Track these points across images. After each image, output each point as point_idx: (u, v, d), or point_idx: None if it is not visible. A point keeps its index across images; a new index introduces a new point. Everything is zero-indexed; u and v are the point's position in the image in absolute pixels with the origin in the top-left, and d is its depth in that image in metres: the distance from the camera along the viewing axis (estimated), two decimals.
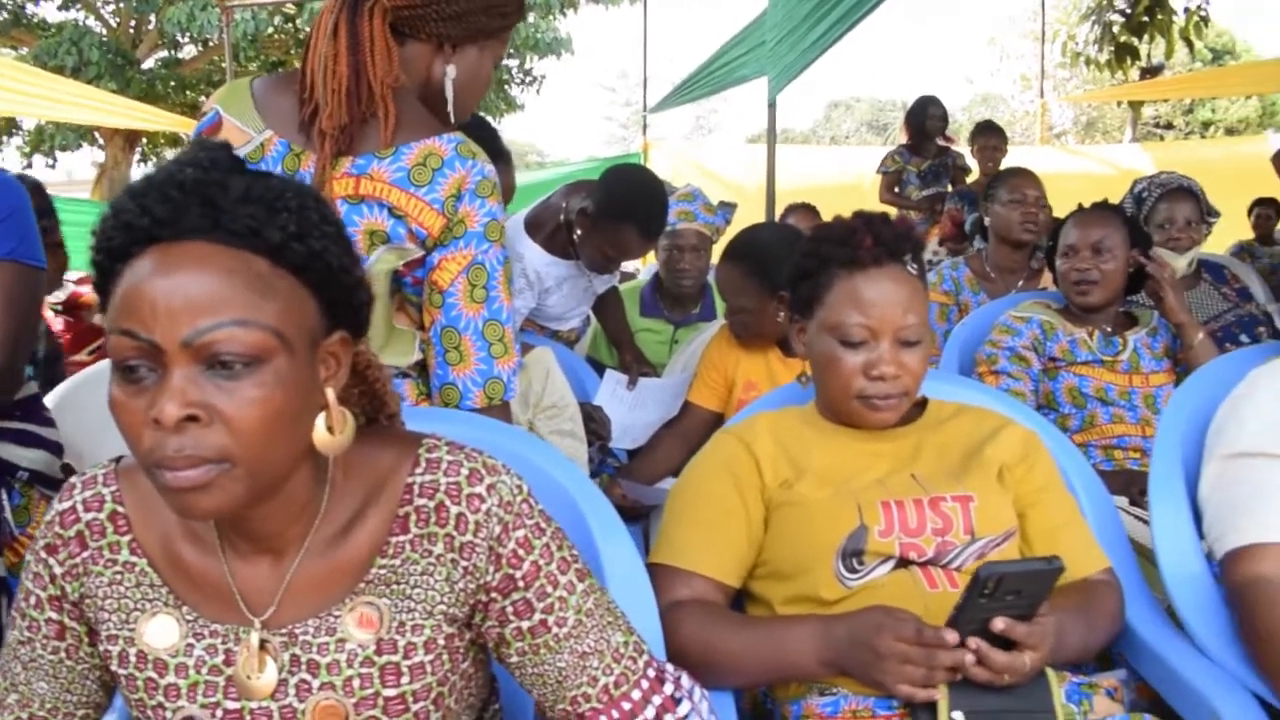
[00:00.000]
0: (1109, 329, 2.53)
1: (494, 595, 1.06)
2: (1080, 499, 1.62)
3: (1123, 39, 9.59)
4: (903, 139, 6.47)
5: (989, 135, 5.97)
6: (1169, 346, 2.52)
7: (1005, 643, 1.19)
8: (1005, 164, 6.86)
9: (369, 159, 1.44)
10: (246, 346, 0.88)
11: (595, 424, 2.58)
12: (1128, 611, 1.50)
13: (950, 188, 6.09)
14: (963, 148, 6.40)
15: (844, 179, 8.39)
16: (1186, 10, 9.68)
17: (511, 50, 14.29)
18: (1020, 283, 3.27)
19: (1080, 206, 2.64)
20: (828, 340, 1.50)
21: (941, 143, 6.34)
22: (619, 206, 2.63)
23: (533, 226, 2.79)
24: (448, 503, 1.04)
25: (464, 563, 1.05)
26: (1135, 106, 11.07)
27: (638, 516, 2.40)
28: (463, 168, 1.46)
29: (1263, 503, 1.41)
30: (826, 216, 7.89)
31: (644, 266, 6.06)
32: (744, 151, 11.79)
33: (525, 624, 1.07)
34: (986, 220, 3.34)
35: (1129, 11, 9.61)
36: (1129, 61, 9.63)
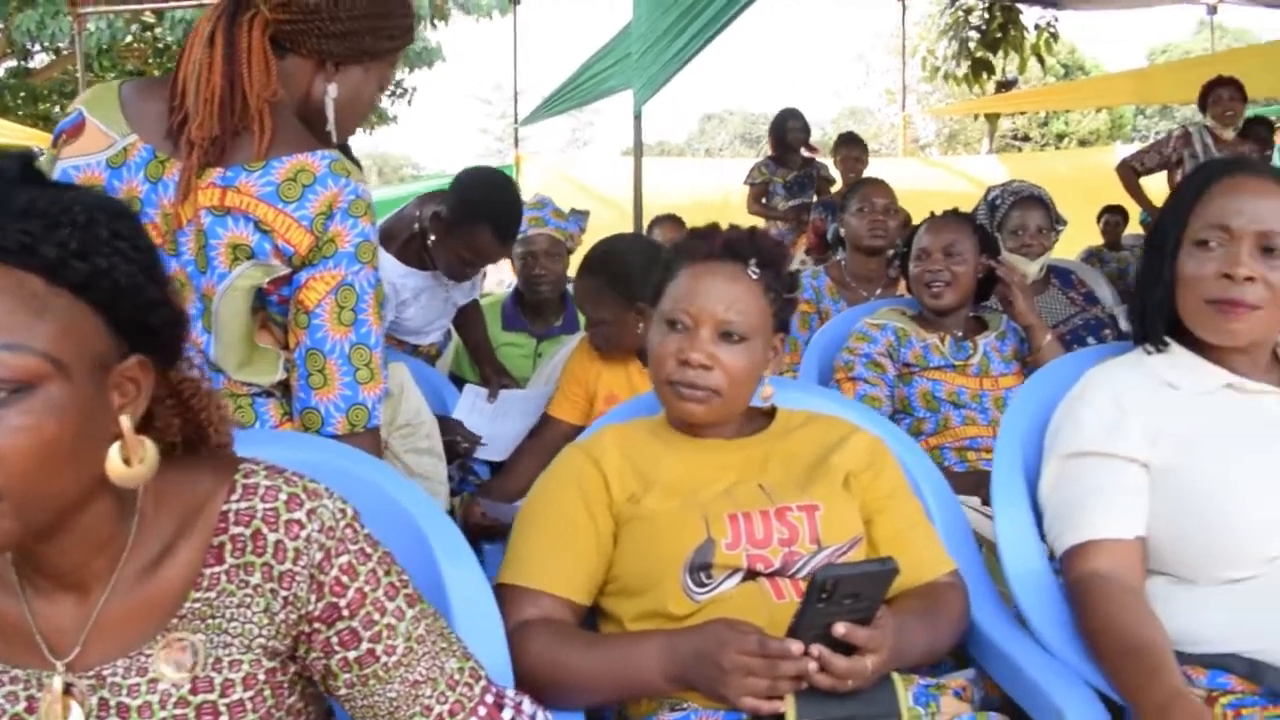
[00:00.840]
0: (960, 334, 2.60)
1: (317, 625, 1.02)
2: (928, 502, 1.64)
3: (978, 54, 9.98)
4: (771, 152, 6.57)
5: (850, 146, 6.11)
6: (1017, 350, 2.60)
7: (847, 648, 1.19)
8: (868, 175, 7.06)
9: (238, 171, 1.40)
10: (12, 371, 0.82)
11: (458, 439, 2.53)
12: (975, 611, 1.52)
13: (815, 198, 6.21)
14: (828, 159, 6.53)
15: (718, 191, 8.49)
16: (1037, 28, 10.14)
17: None
18: (879, 290, 3.33)
19: (932, 214, 2.71)
20: (659, 327, 1.51)
21: (806, 154, 6.46)
22: (472, 209, 2.58)
23: (386, 237, 2.72)
24: (265, 530, 0.99)
25: (284, 592, 1.00)
26: (991, 119, 11.51)
27: (499, 535, 2.35)
28: (335, 185, 1.42)
29: (1098, 500, 1.45)
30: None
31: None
32: (619, 164, 11.81)
33: (352, 654, 1.03)
34: (841, 230, 3.40)
35: (984, 28, 10.01)
36: (985, 76, 10.02)
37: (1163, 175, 5.52)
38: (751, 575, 1.38)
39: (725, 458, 1.51)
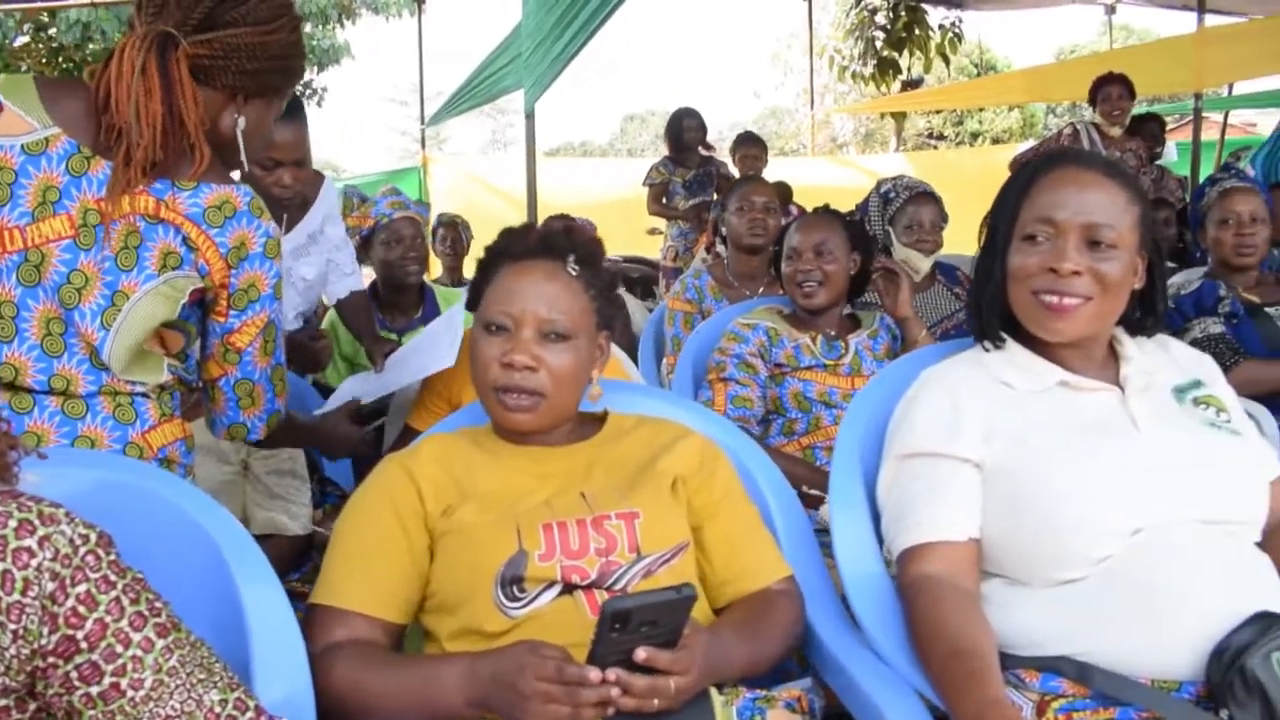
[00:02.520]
0: (832, 333, 2.57)
1: (53, 660, 0.94)
2: (769, 506, 1.60)
3: (884, 54, 10.08)
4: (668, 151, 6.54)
5: (748, 145, 6.10)
6: (890, 348, 2.58)
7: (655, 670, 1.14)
8: (778, 174, 7.07)
9: (167, 186, 1.45)
10: None
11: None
12: (813, 618, 1.48)
13: (715, 196, 6.18)
14: (727, 157, 6.51)
15: (637, 189, 8.44)
16: (941, 28, 10.27)
17: None
18: (761, 289, 3.30)
19: (803, 211, 2.69)
20: (479, 330, 1.46)
21: (704, 153, 6.43)
22: None
23: None
24: None
25: (13, 626, 0.91)
26: (898, 118, 11.62)
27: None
28: (249, 226, 1.50)
29: (932, 502, 1.41)
30: (599, 227, 7.86)
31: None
32: (539, 165, 11.73)
33: (95, 689, 0.95)
34: (723, 229, 3.38)
35: (889, 28, 10.11)
36: (891, 75, 10.12)
37: None
38: (569, 588, 1.32)
39: (549, 465, 1.45)
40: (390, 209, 3.18)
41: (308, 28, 13.62)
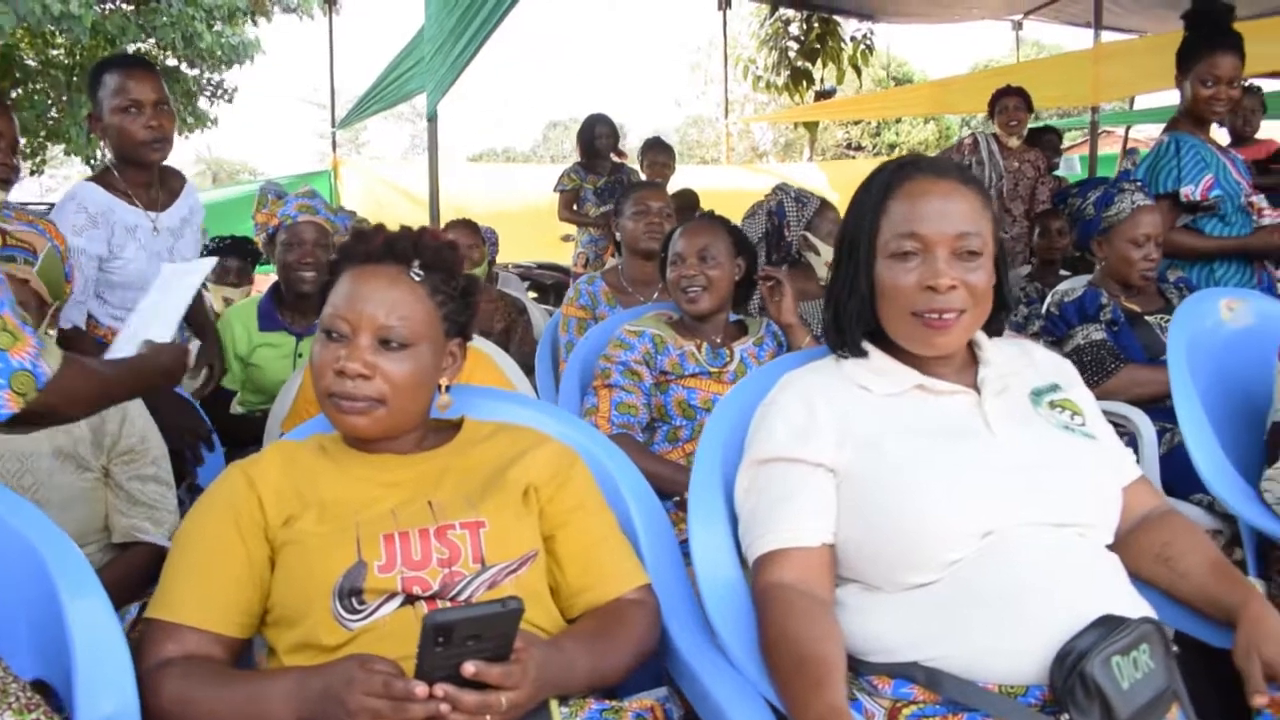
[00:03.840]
0: (718, 340, 2.56)
1: None
2: (632, 515, 1.58)
3: (798, 64, 10.17)
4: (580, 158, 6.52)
5: (656, 152, 6.10)
6: (775, 355, 2.58)
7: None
8: (695, 181, 7.09)
9: None
10: None
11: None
12: (671, 627, 1.46)
13: None
14: (637, 164, 6.51)
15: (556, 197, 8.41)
16: (853, 39, 10.40)
17: (199, 60, 13.49)
18: (656, 294, 3.29)
19: (688, 217, 2.68)
20: (318, 337, 1.42)
21: (615, 159, 6.42)
22: (94, 71, 2.70)
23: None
24: None
25: None
26: (811, 128, 11.75)
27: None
28: None
29: (786, 508, 1.40)
30: (516, 233, 7.75)
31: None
32: (459, 170, 11.63)
33: None
34: (618, 235, 3.36)
35: (802, 39, 10.20)
36: (804, 85, 10.21)
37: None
38: (411, 599, 1.29)
39: (397, 474, 1.41)
40: (297, 211, 3.11)
41: (216, 25, 13.39)
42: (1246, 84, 5.26)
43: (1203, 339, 2.10)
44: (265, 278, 5.27)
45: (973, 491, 1.35)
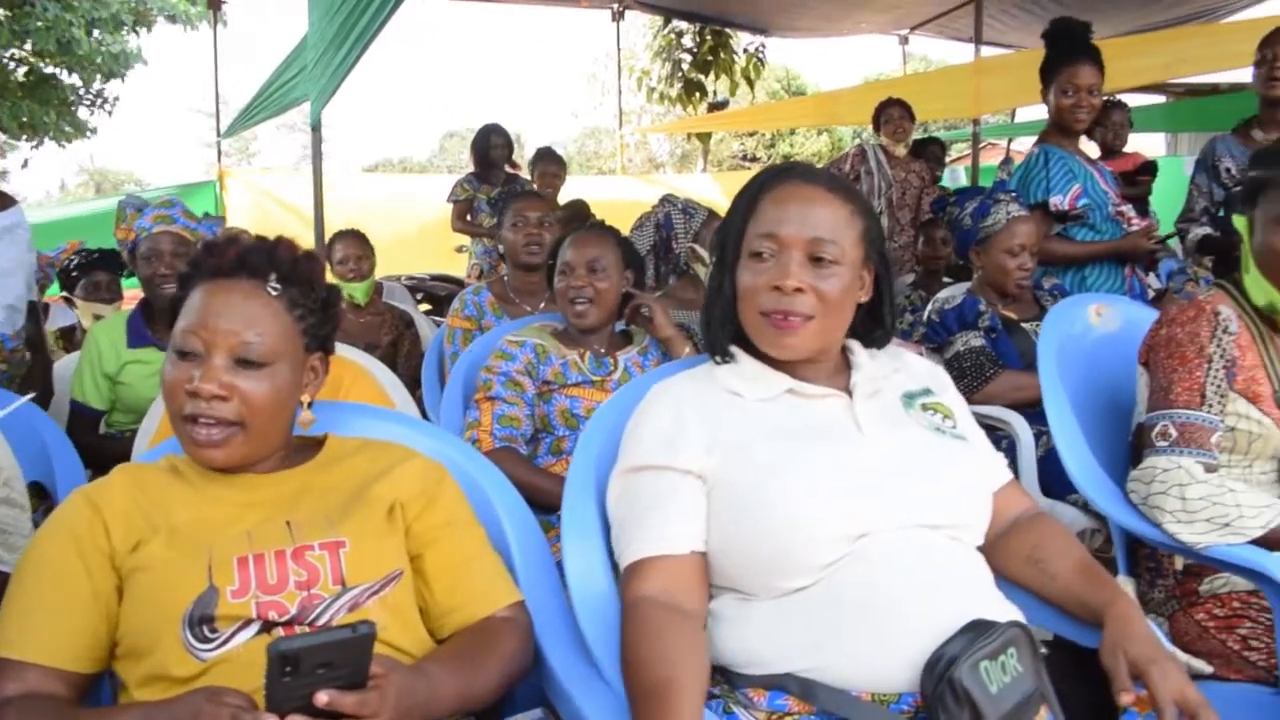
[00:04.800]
0: (602, 350, 2.54)
1: None
2: (505, 530, 1.54)
3: (691, 76, 10.26)
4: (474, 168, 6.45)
5: (547, 162, 6.07)
6: (660, 363, 2.56)
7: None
8: (589, 192, 7.07)
9: None
10: None
11: None
12: (545, 644, 1.43)
13: None
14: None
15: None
16: (746, 52, 10.54)
17: (77, 68, 13.04)
18: (542, 304, 3.25)
19: (577, 228, 2.65)
20: (170, 356, 1.35)
21: (509, 170, 6.37)
22: None
23: None
24: None
25: None
26: (704, 139, 11.85)
27: None
28: None
29: (654, 517, 1.37)
30: (412, 244, 7.62)
31: None
32: (354, 181, 11.41)
33: None
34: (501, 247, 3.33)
35: (695, 51, 10.30)
36: (697, 97, 10.31)
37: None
38: (268, 625, 1.23)
39: (254, 494, 1.35)
40: (152, 223, 2.97)
41: (96, 34, 12.95)
42: (1115, 100, 5.47)
43: (1072, 344, 2.15)
44: (138, 292, 5.09)
45: (843, 493, 1.34)
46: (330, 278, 4.47)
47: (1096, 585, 1.43)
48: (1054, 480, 2.65)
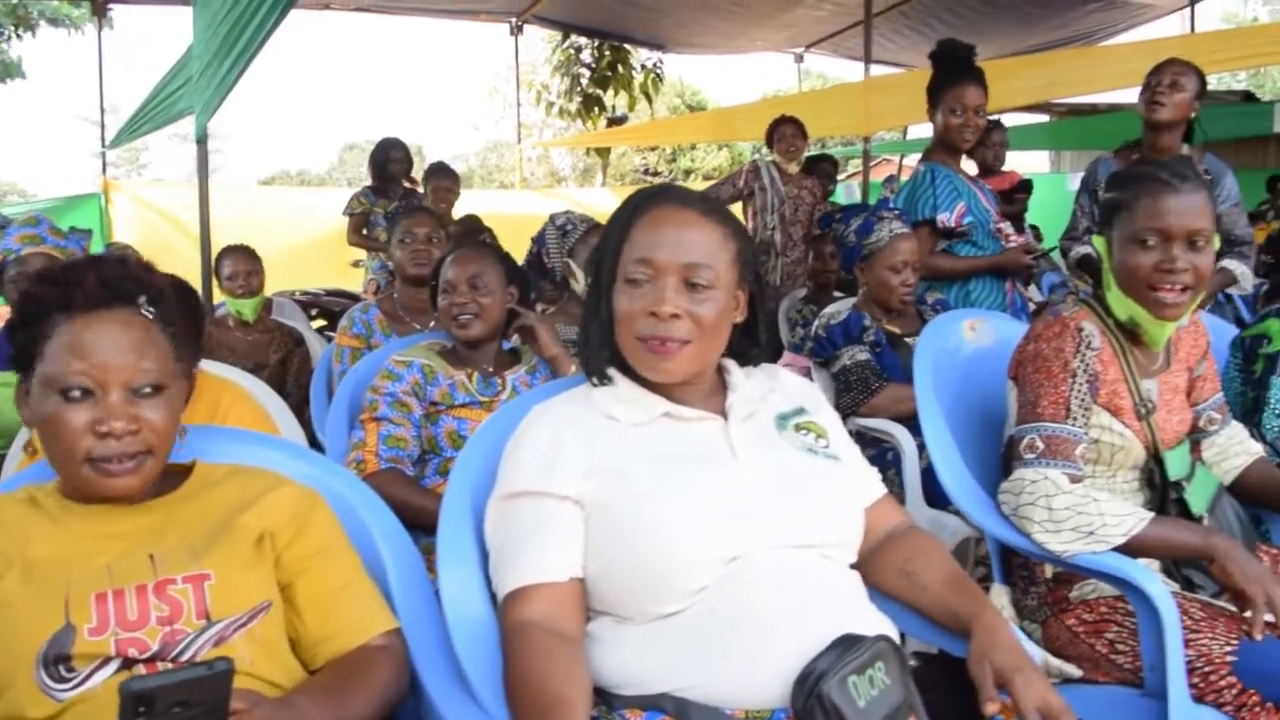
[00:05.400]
0: (489, 369, 2.52)
1: None
2: (383, 554, 1.52)
3: (590, 91, 10.29)
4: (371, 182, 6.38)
5: (439, 177, 6.02)
6: (549, 381, 2.56)
7: None
8: (488, 206, 7.03)
9: None
10: None
11: None
12: (423, 672, 1.41)
13: None
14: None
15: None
16: (644, 67, 10.61)
17: None
18: (432, 322, 3.22)
19: (458, 244, 2.64)
20: (49, 396, 1.28)
21: (407, 185, 6.31)
22: None
23: None
24: None
25: None
26: (603, 154, 11.90)
27: None
28: None
29: (532, 543, 1.37)
30: (309, 258, 7.46)
31: None
32: (249, 193, 11.15)
33: None
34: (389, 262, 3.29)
35: (594, 66, 10.34)
36: (596, 112, 10.34)
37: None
38: (129, 663, 1.19)
39: (116, 526, 1.31)
40: (19, 243, 2.89)
41: None
42: (994, 120, 5.65)
43: (946, 359, 2.21)
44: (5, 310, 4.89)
45: (716, 517, 1.35)
46: (218, 295, 4.38)
47: (965, 597, 1.47)
48: (938, 490, 2.71)
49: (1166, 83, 3.43)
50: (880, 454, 3.05)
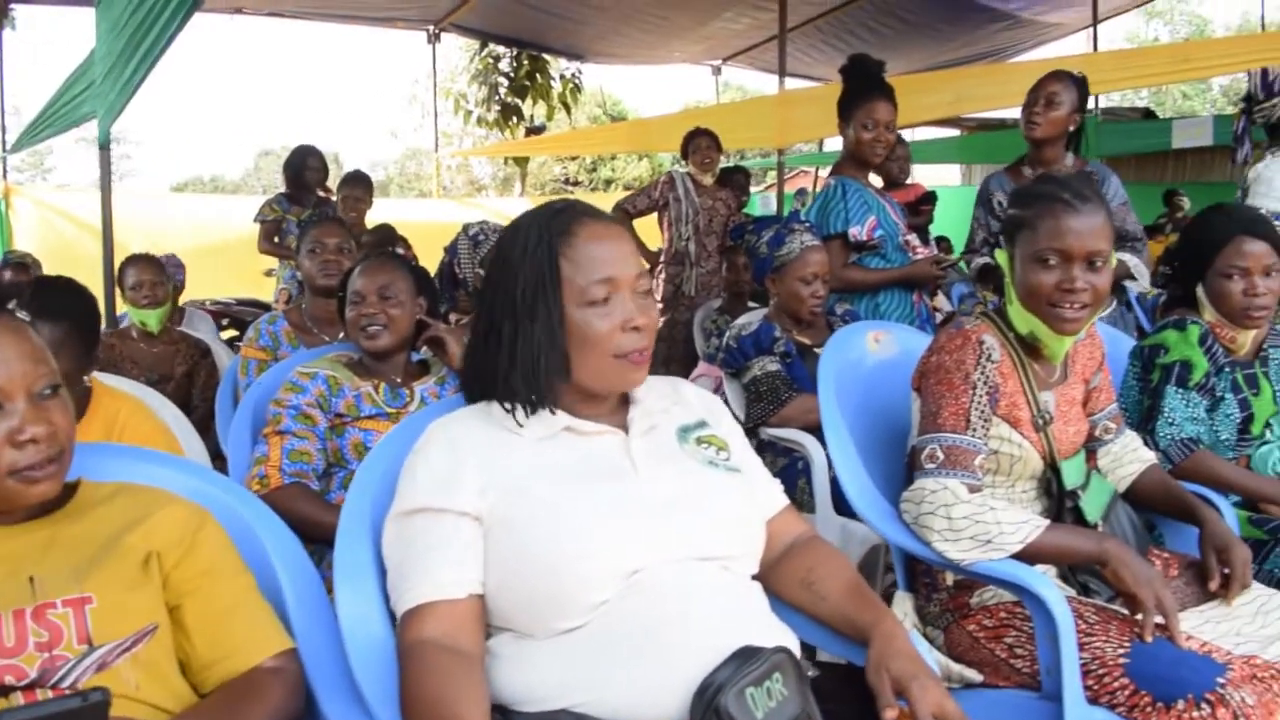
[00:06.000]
0: (398, 380, 2.49)
1: None
2: (279, 573, 1.49)
3: (508, 100, 10.26)
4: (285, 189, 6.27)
5: (350, 186, 5.95)
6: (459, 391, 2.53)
7: None
8: (398, 216, 6.95)
9: None
10: None
11: None
12: (321, 693, 1.38)
13: None
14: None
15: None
16: (562, 77, 10.61)
17: None
18: (341, 334, 3.17)
19: (367, 255, 2.61)
20: None
21: (321, 194, 6.23)
22: None
23: None
24: None
25: None
26: (522, 163, 11.86)
27: None
28: None
29: (432, 560, 1.35)
30: (222, 266, 7.31)
31: None
32: (161, 200, 10.88)
33: None
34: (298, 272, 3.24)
35: (512, 75, 10.31)
36: (515, 121, 10.31)
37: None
38: (5, 691, 1.15)
39: None
40: None
41: None
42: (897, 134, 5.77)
43: (850, 370, 2.24)
44: None
45: (616, 531, 1.35)
46: (121, 305, 4.26)
47: (864, 606, 1.49)
48: (847, 499, 2.75)
49: (1042, 101, 3.52)
50: (791, 464, 3.08)
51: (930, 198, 5.87)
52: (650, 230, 5.86)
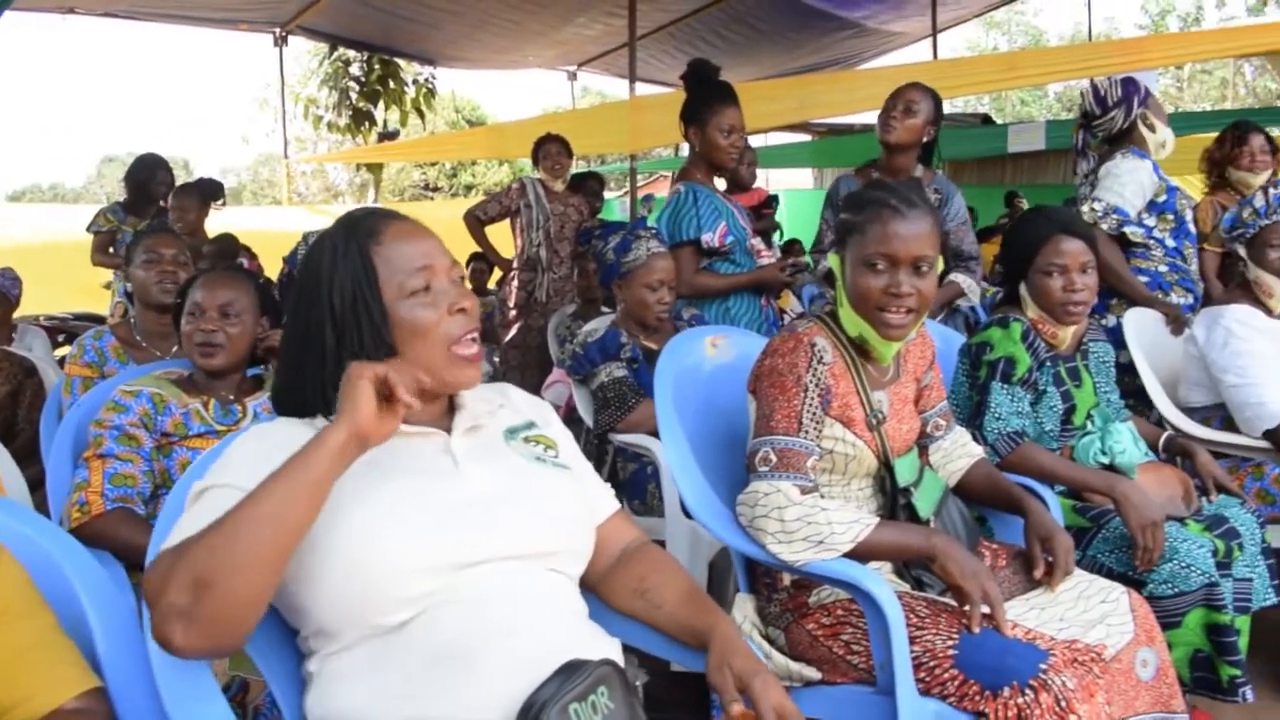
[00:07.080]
0: (230, 396, 2.40)
1: None
2: (87, 609, 1.40)
3: (359, 105, 10.06)
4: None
5: (181, 196, 5.75)
6: None
7: None
8: (243, 224, 6.73)
9: None
10: None
11: None
12: None
13: None
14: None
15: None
16: (415, 83, 10.46)
17: None
18: (175, 349, 3.04)
19: (212, 268, 2.51)
20: None
21: (163, 204, 6.00)
22: None
23: None
24: None
25: None
26: (376, 169, 11.63)
27: None
28: None
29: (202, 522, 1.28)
30: (59, 279, 6.97)
31: None
32: None
33: None
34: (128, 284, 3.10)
35: (364, 80, 10.11)
36: (367, 126, 10.11)
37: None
38: None
39: None
40: None
41: None
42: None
43: (688, 375, 2.25)
44: None
45: (427, 524, 1.33)
46: None
47: (700, 611, 1.50)
48: None
49: (900, 108, 3.63)
50: (641, 469, 3.09)
51: (772, 201, 5.98)
52: (503, 237, 5.81)
